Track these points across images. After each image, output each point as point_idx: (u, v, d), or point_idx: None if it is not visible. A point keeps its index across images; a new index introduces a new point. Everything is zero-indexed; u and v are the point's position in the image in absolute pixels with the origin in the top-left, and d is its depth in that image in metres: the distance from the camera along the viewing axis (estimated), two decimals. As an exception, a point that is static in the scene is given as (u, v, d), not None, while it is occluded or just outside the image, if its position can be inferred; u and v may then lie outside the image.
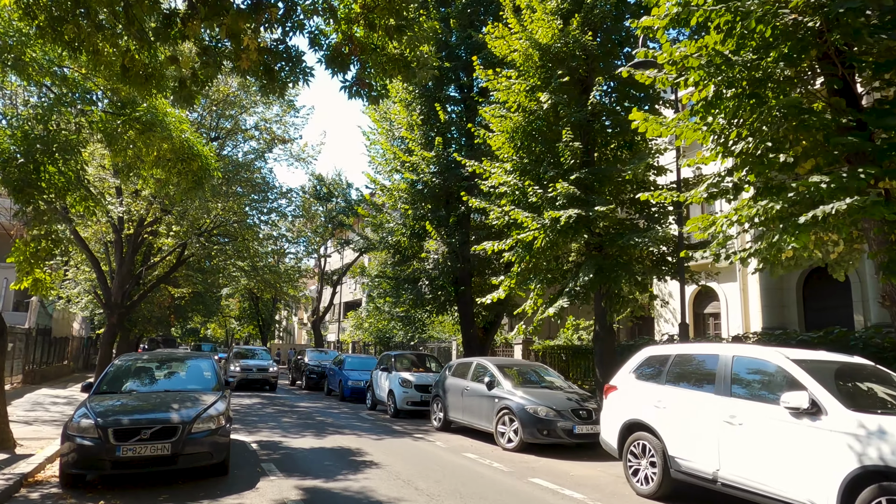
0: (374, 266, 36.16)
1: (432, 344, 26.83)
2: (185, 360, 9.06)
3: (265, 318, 53.99)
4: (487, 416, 10.71)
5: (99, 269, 20.63)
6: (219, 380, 8.45)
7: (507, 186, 11.52)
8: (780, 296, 16.61)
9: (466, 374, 11.95)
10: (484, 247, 11.90)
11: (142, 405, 7.37)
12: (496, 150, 11.89)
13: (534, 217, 10.75)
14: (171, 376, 8.59)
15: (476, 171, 12.64)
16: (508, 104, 11.77)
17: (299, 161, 25.28)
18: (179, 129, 10.94)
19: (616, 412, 7.57)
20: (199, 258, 24.47)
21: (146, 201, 20.33)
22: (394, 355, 16.19)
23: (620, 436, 7.39)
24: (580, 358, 16.28)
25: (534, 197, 10.94)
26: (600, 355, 11.89)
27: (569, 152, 10.90)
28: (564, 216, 10.06)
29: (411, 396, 14.56)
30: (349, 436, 11.18)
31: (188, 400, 7.57)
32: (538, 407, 9.80)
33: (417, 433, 11.86)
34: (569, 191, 10.31)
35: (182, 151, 11.11)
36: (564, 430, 9.61)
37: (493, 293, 11.79)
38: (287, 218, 25.19)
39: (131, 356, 8.88)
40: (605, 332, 11.89)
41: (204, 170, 11.30)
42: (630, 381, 7.56)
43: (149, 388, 8.08)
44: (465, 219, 15.91)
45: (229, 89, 22.00)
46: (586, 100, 11.92)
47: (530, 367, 12.09)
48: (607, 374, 11.80)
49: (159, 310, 27.25)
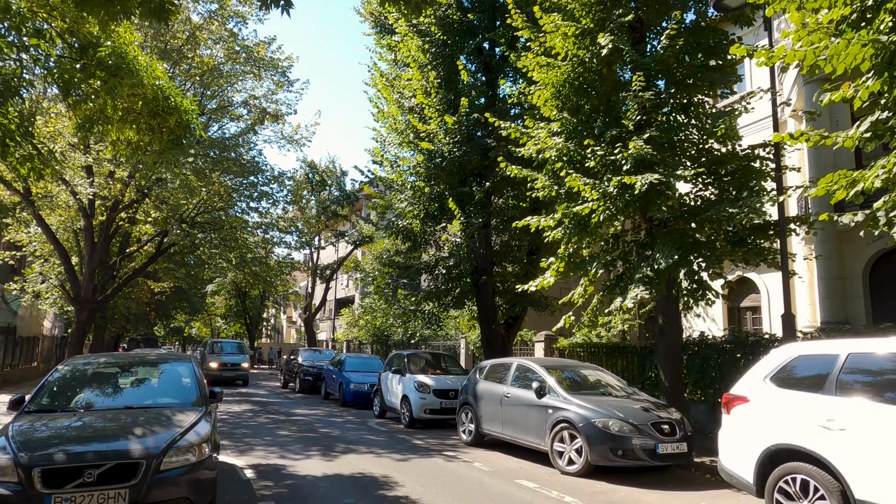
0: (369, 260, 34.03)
1: (436, 342, 24.70)
2: (156, 364, 6.86)
3: (252, 316, 51.58)
4: (538, 431, 8.64)
5: (67, 259, 18.28)
6: (201, 390, 6.28)
7: (554, 150, 9.43)
8: (842, 286, 14.67)
9: (505, 378, 9.88)
10: (528, 222, 9.81)
11: (89, 430, 5.19)
12: (541, 105, 9.78)
13: (594, 184, 8.69)
14: (137, 386, 6.40)
15: (511, 134, 10.53)
16: (556, 50, 9.68)
17: (291, 143, 23.03)
18: (152, 76, 8.77)
19: (749, 433, 5.54)
20: (182, 248, 22.14)
21: (120, 182, 18.02)
22: (406, 355, 14.06)
23: (760, 467, 5.34)
24: (618, 357, 14.23)
25: (592, 160, 8.88)
26: (665, 355, 9.86)
27: (636, 106, 8.84)
28: (640, 182, 8.00)
29: (430, 403, 12.46)
30: (365, 455, 9.05)
31: (158, 420, 5.41)
32: (609, 420, 7.74)
33: (446, 450, 9.76)
34: (642, 151, 8.26)
35: (156, 103, 8.95)
36: (644, 449, 7.55)
37: (539, 279, 9.71)
38: (278, 205, 22.90)
39: (82, 360, 6.66)
40: (672, 327, 9.85)
41: (183, 127, 9.12)
42: (769, 391, 5.53)
43: (104, 404, 5.87)
44: (487, 198, 13.81)
45: (214, 60, 19.73)
46: (643, 49, 9.92)
47: (580, 367, 10.03)
48: (673, 376, 9.82)
49: (138, 306, 24.84)
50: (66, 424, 5.27)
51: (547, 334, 16.67)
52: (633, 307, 8.82)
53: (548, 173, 9.88)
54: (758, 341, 10.95)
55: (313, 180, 32.64)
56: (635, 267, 8.89)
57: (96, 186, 17.18)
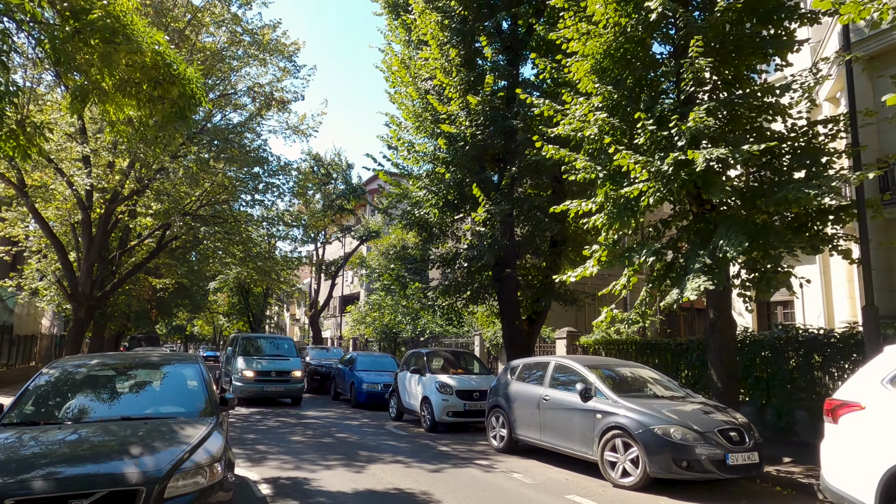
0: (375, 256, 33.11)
1: (447, 339, 23.79)
2: (158, 366, 5.96)
3: (256, 314, 50.72)
4: (583, 438, 7.74)
5: (63, 254, 17.38)
6: (210, 396, 5.39)
7: (596, 126, 8.49)
8: (889, 278, 13.76)
9: (541, 379, 8.97)
10: (566, 207, 8.88)
11: (77, 448, 4.30)
12: (581, 77, 8.84)
13: (645, 163, 7.77)
14: (136, 392, 5.50)
15: (544, 112, 9.62)
16: (596, 17, 8.76)
17: (297, 133, 22.07)
18: (151, 42, 7.87)
19: (867, 447, 4.63)
20: (185, 243, 21.23)
21: (119, 173, 17.11)
22: (426, 353, 13.16)
23: (884, 490, 4.44)
24: (650, 355, 13.29)
25: (642, 136, 7.96)
26: (717, 352, 8.95)
27: (690, 74, 7.91)
28: (703, 157, 7.08)
29: (452, 405, 11.57)
30: (392, 465, 8.15)
31: (160, 435, 4.53)
32: (670, 427, 6.84)
33: (477, 458, 8.87)
34: (702, 124, 7.34)
35: (157, 72, 8.06)
36: (713, 460, 6.65)
37: (580, 269, 8.79)
38: (284, 197, 21.97)
39: (72, 361, 5.75)
40: (725, 322, 8.94)
41: (188, 98, 8.23)
42: (891, 398, 4.62)
43: (96, 415, 4.97)
44: (511, 185, 12.88)
45: (216, 45, 18.80)
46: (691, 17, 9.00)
47: (622, 366, 9.10)
48: (726, 376, 8.91)
49: (139, 303, 23.93)
50: (49, 440, 4.37)
51: (570, 331, 15.77)
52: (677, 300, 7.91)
53: (589, 153, 8.96)
54: (813, 337, 10.04)
55: (318, 173, 31.67)
56: (690, 255, 7.98)
57: (94, 177, 16.27)
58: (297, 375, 16.37)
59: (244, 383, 15.69)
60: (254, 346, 17.84)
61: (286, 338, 18.24)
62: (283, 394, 16.34)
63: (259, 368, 16.01)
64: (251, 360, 16.29)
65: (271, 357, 16.98)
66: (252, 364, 16.11)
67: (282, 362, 16.58)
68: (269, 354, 17.26)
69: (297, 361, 16.99)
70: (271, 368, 16.21)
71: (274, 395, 16.25)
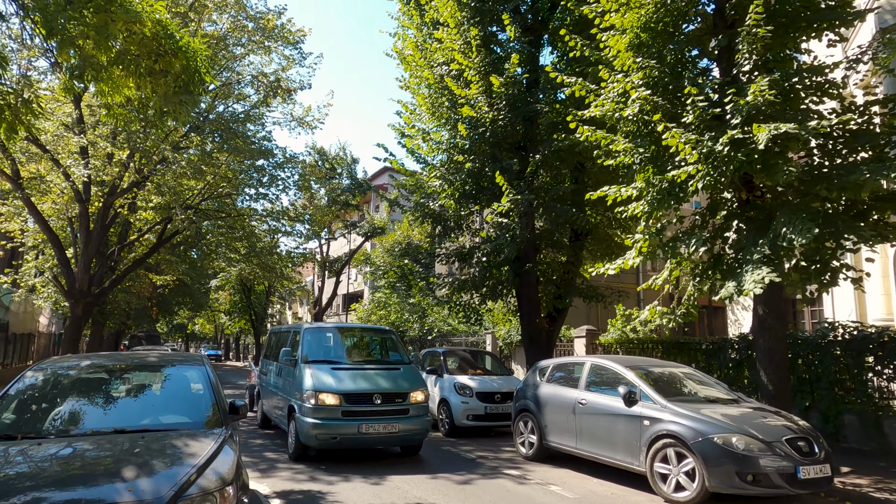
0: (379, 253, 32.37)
1: (457, 338, 23.04)
2: (159, 368, 5.23)
3: (258, 312, 50.04)
4: (628, 447, 7.01)
5: (60, 248, 16.65)
6: (218, 402, 4.65)
7: (637, 104, 7.74)
8: (931, 273, 13.03)
9: (575, 381, 8.23)
10: (605, 193, 8.14)
11: (60, 469, 3.55)
12: (621, 50, 8.09)
13: (696, 142, 7.03)
14: (133, 398, 4.76)
15: (576, 92, 8.88)
16: (634, -13, 8.01)
17: (302, 125, 21.31)
18: (150, 9, 7.16)
19: None
20: (186, 238, 20.49)
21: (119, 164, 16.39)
22: (442, 353, 12.42)
23: None
24: (677, 354, 12.55)
25: (692, 114, 7.22)
26: (768, 352, 8.20)
27: (746, 45, 7.17)
28: (766, 135, 6.34)
29: (473, 408, 10.84)
30: (416, 476, 7.40)
31: (160, 451, 3.79)
32: (732, 436, 6.10)
33: (506, 466, 8.13)
34: (762, 97, 6.60)
35: (157, 43, 7.33)
36: (782, 473, 5.91)
37: (619, 261, 8.06)
38: (289, 191, 21.20)
39: (62, 363, 5.00)
40: (776, 320, 8.18)
41: (191, 72, 7.50)
42: None
43: (85, 426, 4.22)
44: (534, 173, 12.12)
45: (219, 32, 18.05)
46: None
47: (663, 366, 8.35)
48: (778, 378, 8.17)
49: (138, 300, 23.20)
50: (28, 459, 3.64)
51: (589, 329, 15.06)
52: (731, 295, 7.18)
53: (626, 135, 8.22)
54: (865, 336, 9.32)
55: (323, 167, 30.92)
56: (745, 245, 7.24)
57: (91, 168, 15.54)
58: (418, 399, 8.67)
59: (321, 418, 7.97)
60: (330, 344, 9.60)
61: (384, 329, 10.88)
62: (398, 437, 8.38)
63: (348, 389, 8.26)
64: (328, 374, 8.44)
65: (366, 367, 8.94)
66: (332, 382, 8.30)
67: (388, 376, 8.76)
68: (362, 362, 9.23)
69: (412, 373, 9.13)
70: (372, 388, 8.42)
71: (382, 442, 8.42)
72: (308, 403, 8.10)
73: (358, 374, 8.57)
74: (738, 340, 11.31)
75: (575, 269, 13.42)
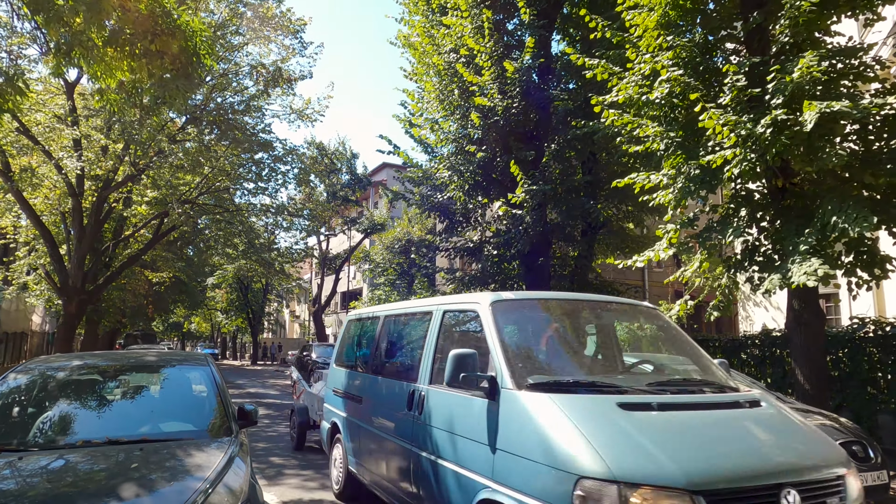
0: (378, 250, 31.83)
1: (460, 336, 22.53)
2: (158, 369, 4.71)
3: (255, 310, 49.50)
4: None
5: (52, 244, 16.09)
6: (225, 407, 4.13)
7: (667, 85, 7.26)
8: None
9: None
10: (632, 180, 7.66)
11: (44, 489, 3.03)
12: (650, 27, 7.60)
13: (735, 123, 6.54)
14: (129, 402, 4.25)
15: (598, 76, 8.38)
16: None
17: (302, 118, 20.76)
18: (146, -18, 6.64)
19: None
20: (183, 233, 19.94)
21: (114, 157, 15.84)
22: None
23: None
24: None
25: (729, 94, 6.73)
26: (804, 349, 7.73)
27: (788, 20, 6.68)
28: (814, 113, 5.86)
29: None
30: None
31: (162, 465, 3.28)
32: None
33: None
34: (809, 74, 6.12)
35: (152, 22, 6.82)
36: (837, 481, 5.44)
37: (647, 253, 7.58)
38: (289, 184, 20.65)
39: (49, 363, 4.48)
40: (813, 315, 7.73)
41: (190, 54, 6.98)
42: None
43: (75, 436, 3.69)
44: (549, 163, 11.63)
45: (216, 21, 17.47)
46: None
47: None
48: (815, 377, 7.71)
49: (134, 298, 22.62)
50: (8, 476, 3.12)
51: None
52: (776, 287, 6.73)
53: (653, 118, 7.74)
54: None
55: (322, 162, 30.37)
56: (787, 235, 6.76)
57: (85, 161, 14.98)
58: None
59: None
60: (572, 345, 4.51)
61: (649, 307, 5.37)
62: None
63: (719, 474, 2.89)
64: (633, 424, 3.04)
65: (685, 399, 3.65)
66: (662, 450, 2.89)
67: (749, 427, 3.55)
68: (661, 386, 3.77)
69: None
70: (766, 468, 3.01)
71: None
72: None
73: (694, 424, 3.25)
74: (762, 337, 10.86)
75: (587, 264, 12.97)
